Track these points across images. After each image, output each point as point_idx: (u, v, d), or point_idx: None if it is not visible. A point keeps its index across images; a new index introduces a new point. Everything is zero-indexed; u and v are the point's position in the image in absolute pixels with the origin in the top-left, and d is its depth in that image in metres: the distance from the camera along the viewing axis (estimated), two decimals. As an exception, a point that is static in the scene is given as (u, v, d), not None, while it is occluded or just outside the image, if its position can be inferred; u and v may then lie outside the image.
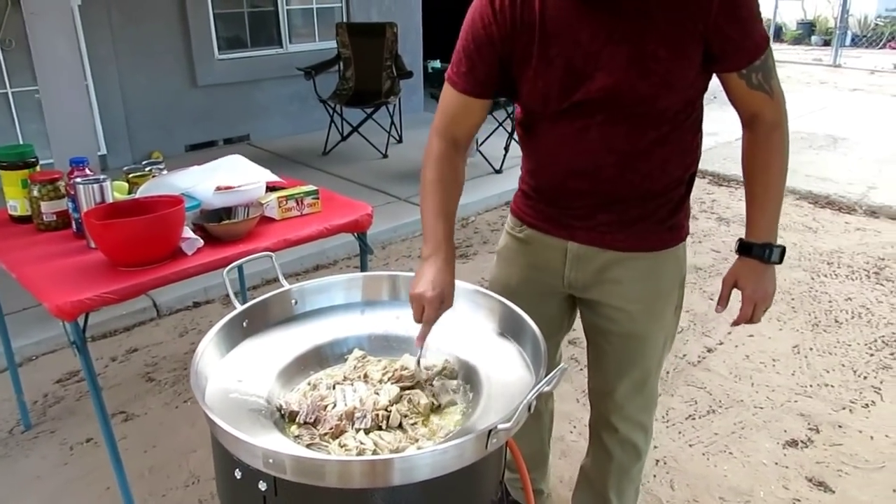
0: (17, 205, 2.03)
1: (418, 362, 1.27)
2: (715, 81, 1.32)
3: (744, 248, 1.41)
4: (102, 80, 5.01)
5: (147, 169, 2.23)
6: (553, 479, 2.07)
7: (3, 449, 2.30)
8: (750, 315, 1.43)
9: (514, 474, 1.92)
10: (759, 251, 1.38)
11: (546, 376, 1.06)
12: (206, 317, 3.16)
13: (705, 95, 1.36)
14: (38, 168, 2.07)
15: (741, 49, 1.24)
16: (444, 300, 1.26)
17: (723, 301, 1.46)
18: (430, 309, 1.24)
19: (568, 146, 1.34)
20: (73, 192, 1.88)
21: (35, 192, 1.96)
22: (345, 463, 1.01)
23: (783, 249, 1.38)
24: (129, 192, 2.11)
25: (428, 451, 1.02)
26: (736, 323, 1.46)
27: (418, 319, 1.26)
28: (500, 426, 1.00)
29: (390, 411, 1.18)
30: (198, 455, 2.25)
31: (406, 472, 0.98)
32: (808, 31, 13.76)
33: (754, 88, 1.28)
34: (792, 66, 10.87)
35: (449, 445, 1.00)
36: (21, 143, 4.60)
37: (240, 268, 2.84)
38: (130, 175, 2.20)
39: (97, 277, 1.67)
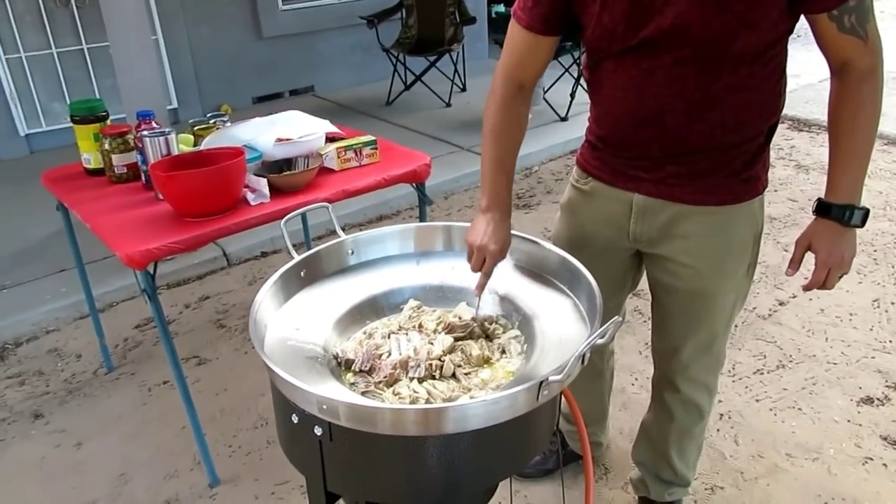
0: (91, 158, 2.11)
1: (476, 312, 1.28)
2: (802, 21, 1.20)
3: (822, 208, 1.30)
4: (171, 34, 5.10)
5: (211, 122, 2.27)
6: (613, 430, 2.06)
7: (88, 389, 2.45)
8: (823, 280, 1.33)
9: (572, 426, 1.92)
10: (838, 212, 1.28)
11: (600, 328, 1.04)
12: (273, 266, 3.24)
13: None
14: (108, 122, 2.13)
15: None
16: (503, 253, 1.30)
17: (794, 264, 1.36)
18: (490, 261, 1.27)
19: (633, 91, 1.27)
20: (140, 145, 1.94)
21: (106, 146, 2.03)
22: (395, 411, 1.02)
23: (866, 212, 1.28)
24: (195, 145, 2.16)
25: (480, 400, 1.02)
26: (808, 288, 1.37)
27: (477, 270, 1.29)
28: (552, 378, 0.99)
29: (443, 361, 1.18)
30: (266, 399, 2.34)
31: (458, 420, 0.98)
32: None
33: (846, 32, 1.17)
34: None
35: (501, 396, 1.00)
36: (97, 97, 4.76)
37: (304, 218, 2.91)
38: (196, 128, 2.25)
39: (164, 228, 1.73)
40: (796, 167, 4.04)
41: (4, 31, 4.52)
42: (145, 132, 1.90)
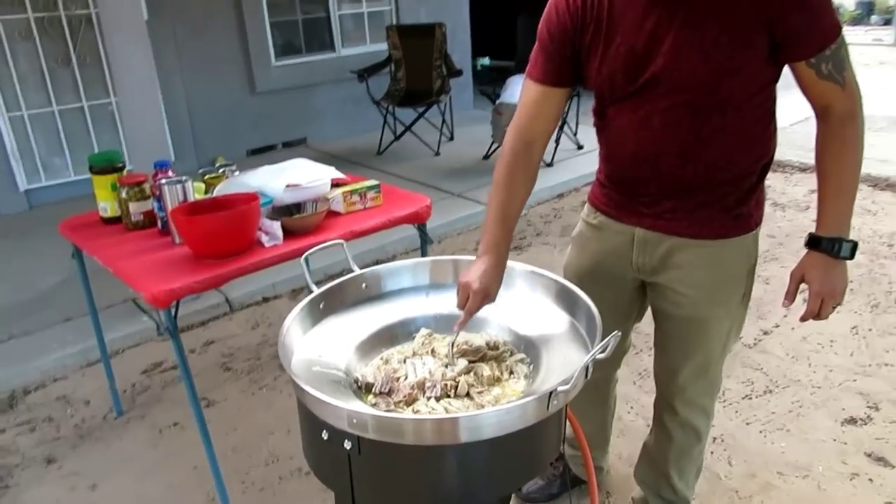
0: (108, 206, 2.22)
1: (452, 345, 1.33)
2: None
3: (813, 241, 1.39)
4: (169, 89, 5.27)
5: (220, 171, 2.40)
6: (612, 456, 2.15)
7: (99, 432, 2.50)
8: (817, 310, 1.41)
9: (576, 451, 2.01)
10: (827, 245, 1.36)
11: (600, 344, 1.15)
12: (275, 311, 3.34)
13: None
14: (125, 172, 2.25)
15: (808, 37, 1.24)
16: (487, 295, 1.34)
17: (790, 296, 1.44)
18: (473, 300, 1.32)
19: (633, 134, 1.40)
20: (158, 193, 2.05)
21: (124, 194, 2.14)
22: (420, 421, 1.12)
23: (854, 244, 1.36)
24: (206, 192, 2.28)
25: (494, 410, 1.12)
26: (804, 318, 1.45)
27: (461, 307, 1.35)
28: (560, 388, 1.09)
29: (458, 381, 1.28)
30: (275, 437, 2.40)
31: (474, 430, 1.07)
32: (867, 11, 13.35)
33: (824, 79, 1.27)
34: (850, 47, 10.52)
35: (513, 405, 1.10)
36: (96, 150, 4.90)
37: (307, 262, 3.01)
38: (206, 176, 2.37)
39: (184, 269, 1.83)
40: (773, 205, 4.22)
41: (7, 90, 4.67)
42: (163, 180, 2.02)
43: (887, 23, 12.11)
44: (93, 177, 2.22)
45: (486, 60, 6.25)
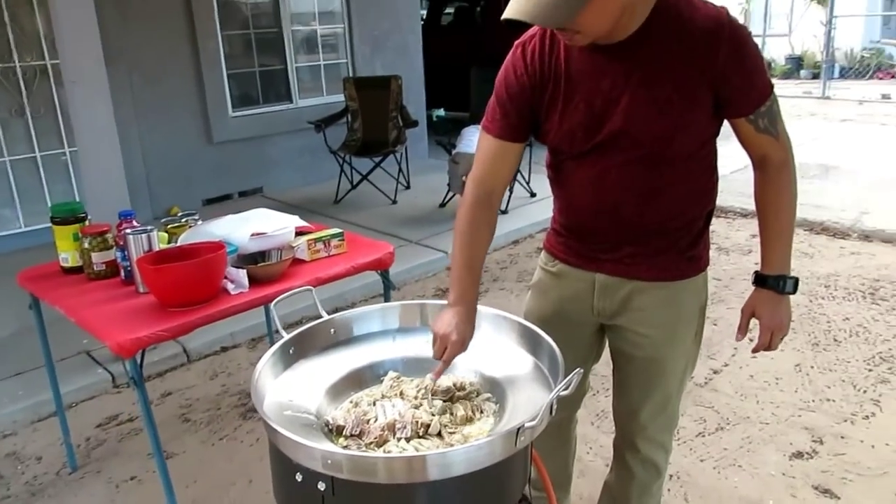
0: (69, 257, 2.21)
1: (429, 391, 1.39)
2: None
3: (759, 279, 1.52)
4: (124, 139, 5.18)
5: (183, 220, 2.42)
6: (573, 496, 2.19)
7: (53, 489, 2.43)
8: (768, 343, 1.53)
9: (539, 493, 2.04)
10: (773, 283, 1.49)
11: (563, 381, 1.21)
12: (233, 360, 3.32)
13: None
14: (87, 223, 2.26)
15: (747, 96, 1.36)
16: (463, 345, 1.41)
17: (742, 330, 1.57)
18: (451, 350, 1.38)
19: (591, 187, 1.48)
20: (122, 243, 2.06)
21: (86, 244, 2.14)
22: (394, 459, 1.16)
23: (796, 281, 1.49)
24: (169, 242, 2.29)
25: (464, 447, 1.17)
26: (755, 350, 1.56)
27: (438, 357, 1.40)
28: (528, 424, 1.14)
29: (431, 421, 1.32)
30: (237, 487, 2.38)
31: (445, 467, 1.11)
32: (796, 66, 14.12)
33: (761, 132, 1.40)
34: (783, 99, 10.94)
35: (483, 442, 1.15)
36: (48, 202, 4.83)
37: (266, 311, 3.02)
38: (169, 226, 2.39)
39: (149, 318, 1.84)
40: (717, 249, 4.41)
41: (-42, 141, 4.60)
42: (128, 230, 2.03)
43: (815, 76, 12.87)
44: (54, 227, 2.22)
45: (441, 112, 6.43)
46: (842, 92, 11.40)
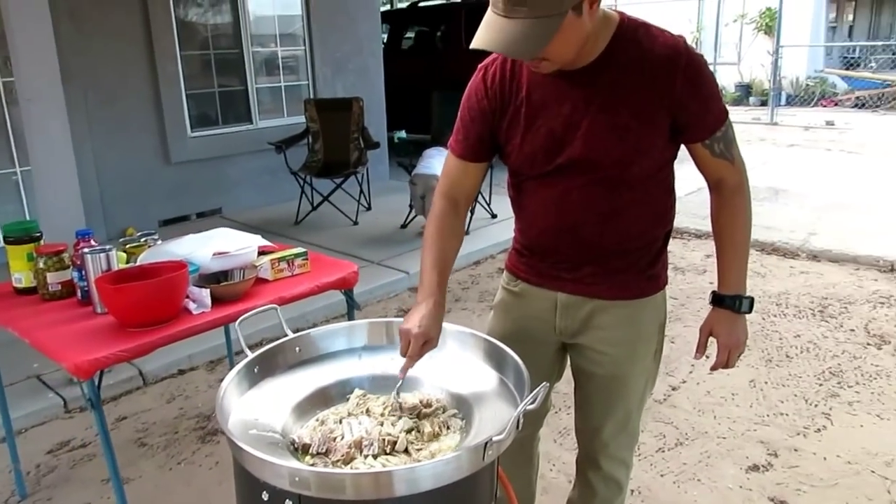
0: (23, 277, 2.16)
1: (398, 392, 1.39)
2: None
3: (716, 299, 1.56)
4: (79, 159, 5.06)
5: (143, 240, 2.38)
6: (537, 513, 2.20)
7: (0, 518, 2.34)
8: (726, 360, 1.57)
9: (504, 511, 2.05)
10: (730, 302, 1.53)
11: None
12: (191, 383, 3.25)
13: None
14: (41, 242, 2.20)
15: (703, 122, 1.41)
16: (428, 340, 1.39)
17: (700, 348, 1.60)
18: (414, 345, 1.38)
19: (553, 207, 1.51)
20: (79, 262, 2.02)
21: (41, 264, 2.09)
22: (361, 475, 1.15)
23: (752, 300, 1.54)
24: (127, 262, 2.26)
25: (432, 462, 1.17)
26: (714, 368, 1.60)
27: (403, 354, 1.40)
28: (495, 438, 1.15)
29: (398, 438, 1.32)
30: (195, 512, 2.33)
31: (413, 482, 1.11)
32: (745, 93, 14.62)
33: (717, 156, 1.45)
34: (735, 125, 11.49)
35: (451, 456, 1.15)
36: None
37: (226, 331, 2.98)
38: (127, 246, 2.35)
39: (108, 338, 1.80)
40: (673, 269, 4.51)
41: None
42: (86, 250, 2.00)
43: (763, 103, 13.34)
44: (7, 247, 2.16)
45: (402, 133, 6.47)
46: (788, 118, 11.84)
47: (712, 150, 1.45)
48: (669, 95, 1.37)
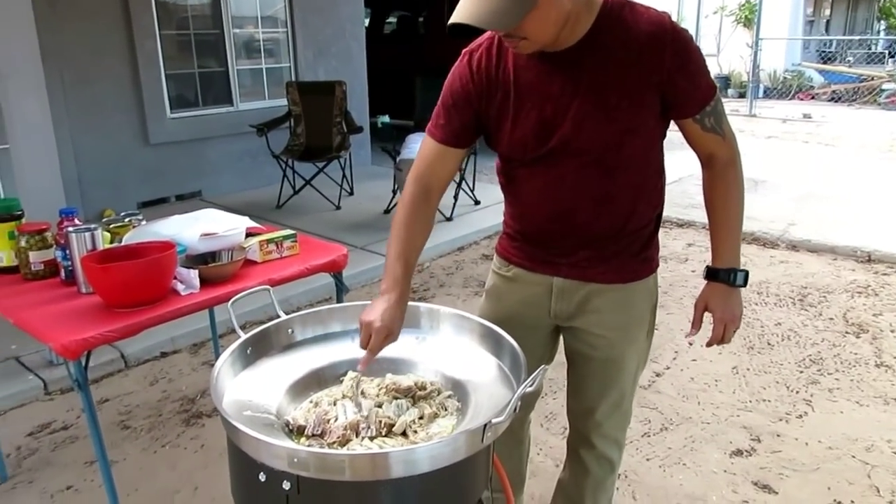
0: (3, 256, 2.11)
1: (357, 385, 1.36)
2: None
3: (711, 273, 1.55)
4: (56, 139, 5.01)
5: (127, 220, 2.34)
6: (525, 496, 2.21)
7: (-21, 502, 2.30)
8: (721, 335, 1.56)
9: (497, 493, 2.05)
10: (724, 276, 1.53)
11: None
12: (174, 366, 3.21)
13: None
14: (23, 221, 2.15)
15: (692, 97, 1.40)
16: (390, 333, 1.37)
17: (696, 324, 1.58)
18: (376, 338, 1.35)
19: (548, 193, 1.50)
20: (63, 242, 1.98)
21: (23, 243, 2.04)
22: (361, 457, 1.15)
23: (747, 273, 1.53)
24: (111, 242, 2.21)
25: (431, 443, 1.17)
26: (710, 343, 1.59)
27: (364, 346, 1.37)
28: (494, 420, 1.15)
29: (396, 421, 1.31)
30: (181, 496, 2.30)
31: (410, 463, 1.10)
32: (724, 85, 14.73)
33: (707, 131, 1.45)
34: (721, 100, 11.60)
35: (450, 438, 1.16)
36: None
37: (211, 314, 2.94)
38: (111, 226, 2.30)
39: (95, 319, 1.77)
40: (656, 258, 4.55)
41: None
42: (70, 229, 1.95)
43: (742, 95, 13.47)
44: (-13, 225, 2.11)
45: (385, 118, 6.43)
46: (767, 111, 11.95)
47: (703, 124, 1.44)
48: (658, 72, 1.36)
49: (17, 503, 2.29)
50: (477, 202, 5.72)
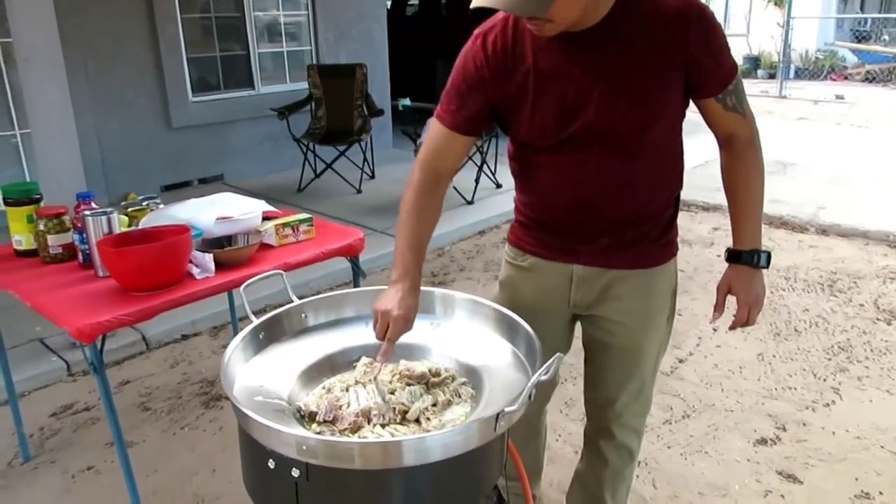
0: (23, 239, 2.12)
1: (375, 378, 1.34)
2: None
3: (733, 255, 1.53)
4: (79, 124, 5.02)
5: (144, 203, 2.34)
6: (543, 483, 2.19)
7: (4, 480, 2.33)
8: (745, 318, 1.53)
9: (511, 482, 2.03)
10: (747, 257, 1.50)
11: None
12: (195, 349, 3.23)
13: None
14: (41, 204, 2.16)
15: (716, 76, 1.37)
16: (407, 321, 1.35)
17: (719, 307, 1.56)
18: (394, 327, 1.33)
19: (570, 180, 1.45)
20: (80, 225, 1.98)
21: (41, 226, 2.05)
22: (371, 445, 1.13)
23: (769, 254, 1.50)
24: (129, 226, 2.21)
25: (443, 432, 1.14)
26: (733, 326, 1.56)
27: (381, 337, 1.35)
28: (507, 409, 1.12)
29: (410, 407, 1.29)
30: (200, 477, 2.31)
31: (422, 452, 1.08)
32: (754, 66, 14.41)
33: (729, 110, 1.41)
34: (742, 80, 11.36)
35: (462, 426, 1.13)
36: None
37: (230, 297, 2.95)
38: (129, 209, 2.30)
39: (110, 302, 1.77)
40: (681, 242, 4.44)
41: None
42: (87, 212, 1.95)
43: (772, 76, 13.16)
44: (7, 209, 2.12)
45: (406, 101, 6.37)
46: (797, 92, 11.68)
47: (724, 103, 1.41)
48: (683, 51, 1.32)
49: (39, 483, 2.32)
50: (498, 185, 5.67)
